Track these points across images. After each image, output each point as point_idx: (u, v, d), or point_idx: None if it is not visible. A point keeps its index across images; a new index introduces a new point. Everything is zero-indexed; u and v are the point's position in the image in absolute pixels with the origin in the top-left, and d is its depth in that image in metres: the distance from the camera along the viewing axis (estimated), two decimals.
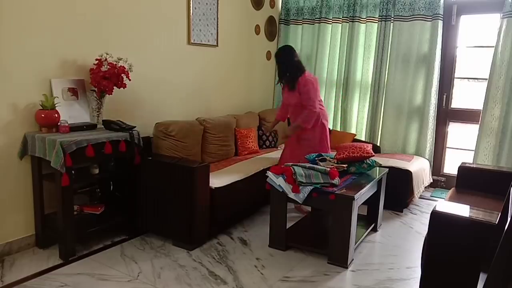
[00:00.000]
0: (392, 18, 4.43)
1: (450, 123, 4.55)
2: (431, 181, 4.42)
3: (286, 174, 2.85)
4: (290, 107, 3.57)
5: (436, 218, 1.97)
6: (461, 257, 1.90)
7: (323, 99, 4.98)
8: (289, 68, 3.43)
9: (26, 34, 2.65)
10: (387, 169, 3.46)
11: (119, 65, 2.98)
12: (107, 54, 2.98)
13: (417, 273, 2.61)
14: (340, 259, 2.74)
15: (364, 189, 2.85)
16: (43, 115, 2.70)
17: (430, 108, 4.35)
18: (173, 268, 2.66)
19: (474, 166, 3.40)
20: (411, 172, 3.77)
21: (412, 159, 4.18)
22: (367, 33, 4.64)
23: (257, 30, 4.85)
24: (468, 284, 1.77)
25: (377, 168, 3.32)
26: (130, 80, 3.07)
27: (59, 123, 2.74)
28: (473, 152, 4.14)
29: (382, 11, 4.44)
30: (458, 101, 4.51)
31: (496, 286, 1.16)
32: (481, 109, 4.06)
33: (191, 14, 3.85)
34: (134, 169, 3.04)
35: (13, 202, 2.74)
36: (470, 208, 2.10)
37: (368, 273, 2.69)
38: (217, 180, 3.12)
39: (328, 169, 2.91)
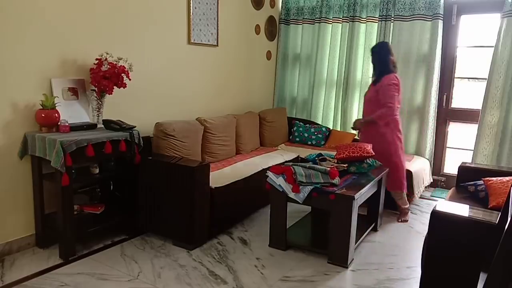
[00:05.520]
0: (392, 18, 4.43)
1: (450, 123, 4.55)
2: (431, 181, 4.42)
3: (286, 174, 2.85)
4: (367, 102, 3.58)
5: (436, 217, 1.97)
6: (461, 257, 1.90)
7: (323, 99, 5.01)
8: (379, 62, 3.46)
9: (26, 33, 2.65)
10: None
11: (119, 65, 2.99)
12: (107, 53, 2.98)
13: (417, 273, 2.61)
14: (340, 259, 2.74)
15: (364, 189, 2.85)
16: (43, 115, 2.70)
17: (430, 108, 4.35)
18: (173, 267, 2.66)
19: (474, 166, 3.40)
20: (411, 172, 3.76)
21: (412, 159, 4.18)
22: (367, 33, 4.64)
23: (257, 30, 4.84)
24: (468, 284, 1.77)
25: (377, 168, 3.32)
26: (130, 79, 3.07)
27: (59, 123, 2.75)
28: (472, 152, 4.14)
29: (382, 11, 4.44)
30: (458, 101, 4.51)
31: (496, 286, 1.16)
32: (480, 109, 4.06)
33: (191, 14, 3.85)
34: (134, 169, 3.04)
35: (13, 201, 2.74)
36: (470, 208, 2.10)
37: (368, 273, 2.69)
38: (217, 180, 3.12)
39: (328, 168, 2.91)
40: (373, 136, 3.47)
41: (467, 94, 4.52)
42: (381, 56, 3.46)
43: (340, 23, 4.81)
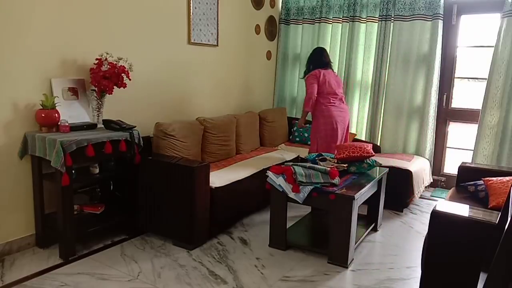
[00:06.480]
0: (392, 18, 4.43)
1: (450, 123, 4.55)
2: (431, 181, 4.42)
3: (286, 173, 2.85)
4: None
5: (436, 218, 1.97)
6: (461, 257, 1.90)
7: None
8: (308, 63, 4.00)
9: (26, 33, 2.65)
10: (387, 169, 3.46)
11: (119, 65, 2.98)
12: (107, 53, 2.98)
13: (417, 273, 2.61)
14: (340, 259, 2.74)
15: (364, 189, 2.85)
16: (43, 115, 2.70)
17: (430, 108, 4.35)
18: (173, 267, 2.66)
19: (474, 166, 3.40)
20: (411, 172, 3.76)
21: (412, 159, 4.18)
22: (367, 33, 4.64)
23: (257, 30, 4.84)
24: (468, 284, 1.77)
25: (377, 168, 3.32)
26: (130, 79, 3.07)
27: (59, 123, 2.75)
28: (472, 152, 4.14)
29: (382, 10, 4.44)
30: (458, 101, 4.51)
31: (496, 286, 1.16)
32: (480, 109, 4.06)
33: (191, 14, 3.85)
34: (134, 169, 3.04)
35: (13, 201, 2.74)
36: (470, 208, 2.10)
37: (368, 273, 2.69)
38: (217, 180, 3.12)
39: (328, 168, 2.91)
40: (314, 127, 3.88)
41: (467, 94, 4.52)
42: (312, 58, 3.96)
43: (340, 23, 4.81)
